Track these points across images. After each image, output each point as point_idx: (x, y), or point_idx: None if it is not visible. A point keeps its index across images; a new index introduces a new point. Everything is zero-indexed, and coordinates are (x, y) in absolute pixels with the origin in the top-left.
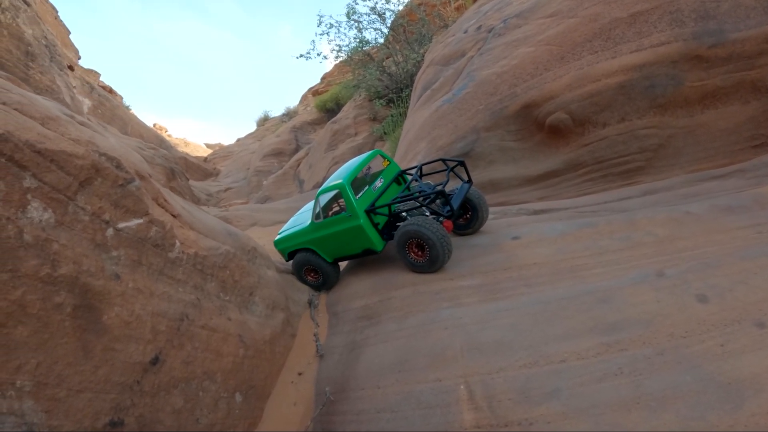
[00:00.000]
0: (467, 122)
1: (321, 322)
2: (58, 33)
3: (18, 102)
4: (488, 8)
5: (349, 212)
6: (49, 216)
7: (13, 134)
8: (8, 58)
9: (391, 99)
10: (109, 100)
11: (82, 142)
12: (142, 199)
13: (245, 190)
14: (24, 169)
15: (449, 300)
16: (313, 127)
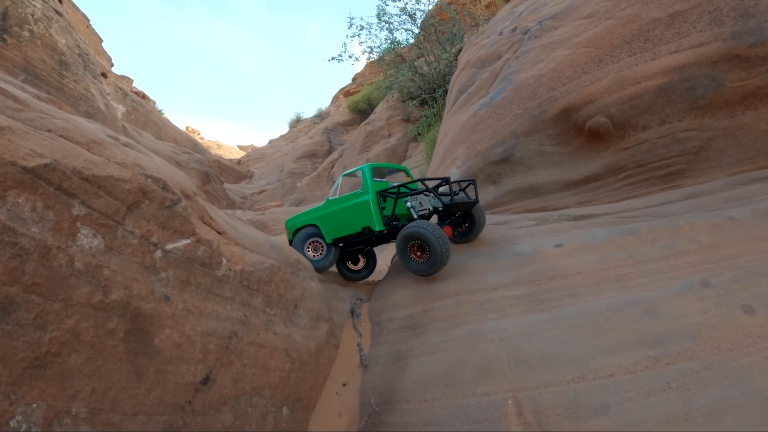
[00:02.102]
0: (506, 127)
1: (364, 332)
2: (91, 41)
3: (63, 128)
4: (522, 9)
5: (363, 189)
6: (99, 242)
7: (61, 162)
8: (42, 68)
9: (424, 99)
10: (143, 105)
11: (128, 165)
12: (189, 219)
13: (279, 192)
14: (72, 196)
15: (494, 311)
16: (345, 128)
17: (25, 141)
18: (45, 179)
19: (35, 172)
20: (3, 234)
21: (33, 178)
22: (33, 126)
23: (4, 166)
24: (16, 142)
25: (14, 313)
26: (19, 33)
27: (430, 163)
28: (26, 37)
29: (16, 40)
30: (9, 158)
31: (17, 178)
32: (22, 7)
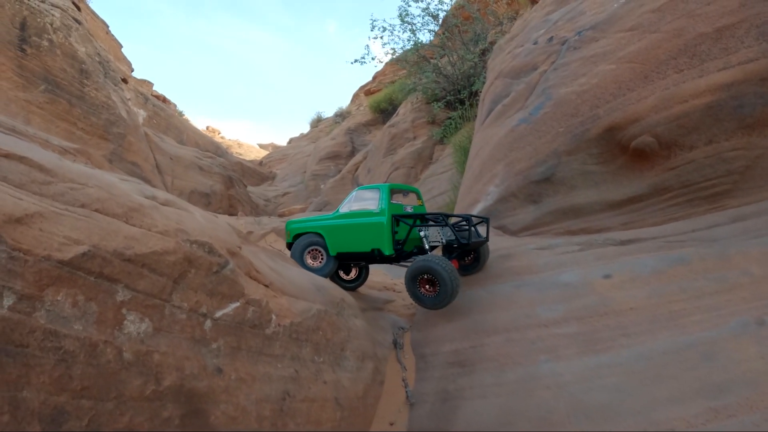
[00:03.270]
0: (547, 145)
1: (408, 365)
2: (111, 47)
3: (97, 198)
4: (558, 17)
5: (378, 210)
6: (147, 326)
7: (100, 247)
8: (63, 77)
9: (449, 101)
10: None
11: (170, 232)
12: (237, 280)
13: (303, 195)
14: (115, 282)
15: (547, 351)
16: (368, 128)
17: (58, 226)
18: (84, 269)
19: (73, 263)
20: (45, 340)
21: (71, 271)
22: (64, 202)
23: (38, 264)
24: (48, 230)
25: (65, 423)
26: (38, 43)
27: (460, 171)
28: (46, 46)
29: (36, 50)
30: (43, 253)
31: (54, 274)
32: (41, 17)
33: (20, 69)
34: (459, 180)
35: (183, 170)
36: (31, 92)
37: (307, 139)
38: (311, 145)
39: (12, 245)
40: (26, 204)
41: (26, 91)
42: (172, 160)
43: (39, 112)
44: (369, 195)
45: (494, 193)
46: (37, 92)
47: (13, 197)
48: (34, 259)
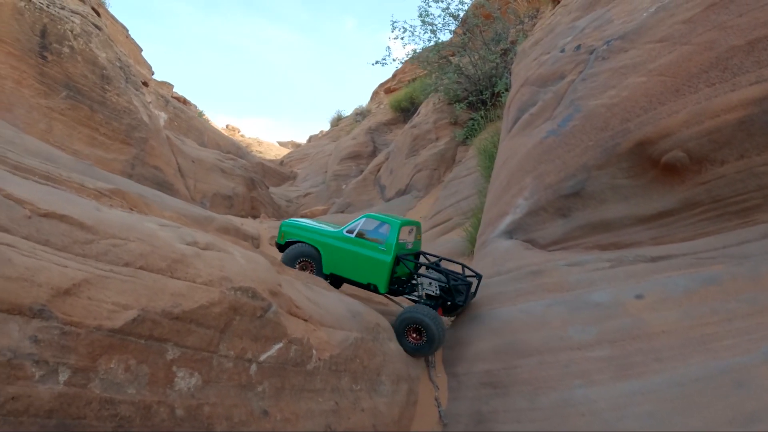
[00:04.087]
0: (576, 159)
1: (440, 384)
2: (131, 51)
3: (140, 254)
4: (585, 25)
5: (384, 246)
6: (196, 379)
7: (148, 309)
8: (84, 83)
9: (471, 102)
10: (184, 111)
11: (214, 282)
12: (280, 322)
13: (324, 195)
14: (165, 341)
15: (580, 376)
16: (389, 127)
17: (105, 291)
18: (135, 334)
19: (124, 330)
20: (101, 410)
21: (123, 337)
22: (108, 261)
23: (90, 335)
24: (96, 297)
25: None
26: (59, 50)
27: (484, 175)
28: (66, 53)
29: (57, 57)
30: (94, 323)
31: (106, 343)
32: (61, 24)
33: (41, 76)
34: (483, 184)
35: (205, 173)
36: (52, 99)
37: (327, 138)
38: (332, 144)
39: (63, 319)
40: (72, 272)
41: (48, 98)
42: (194, 163)
43: (61, 119)
44: (378, 227)
45: (523, 206)
46: (58, 99)
47: (59, 265)
48: (85, 331)
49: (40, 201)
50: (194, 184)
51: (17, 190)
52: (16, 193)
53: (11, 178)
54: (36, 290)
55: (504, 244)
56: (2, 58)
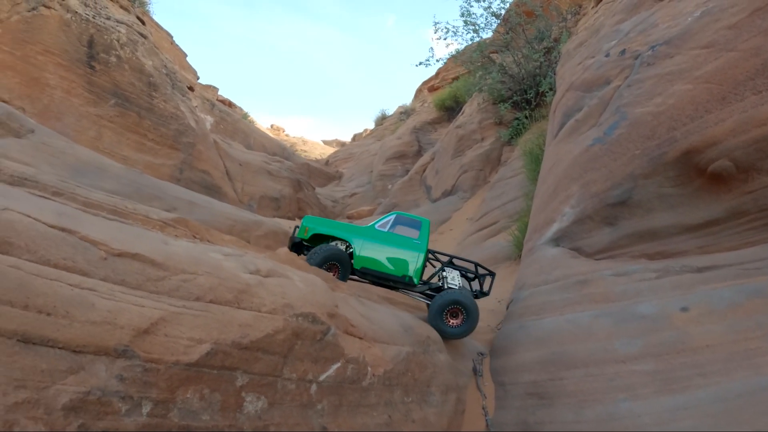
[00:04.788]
0: (623, 168)
1: (487, 392)
2: (176, 58)
3: (209, 288)
4: (629, 28)
5: (418, 240)
6: (263, 403)
7: (220, 342)
8: (132, 90)
9: (516, 101)
10: (230, 114)
11: (278, 309)
12: (338, 343)
13: (370, 195)
14: (234, 370)
15: (625, 389)
16: (433, 126)
17: (180, 327)
18: (208, 365)
19: (199, 363)
20: None
21: (198, 370)
22: (180, 297)
23: (168, 370)
24: (172, 334)
25: None
26: (106, 59)
27: (530, 178)
28: (114, 62)
29: (104, 66)
30: (171, 359)
31: (183, 376)
32: (107, 34)
33: (90, 85)
34: (529, 187)
35: (252, 176)
36: (101, 107)
37: (372, 137)
38: (377, 143)
39: (144, 357)
40: (149, 311)
41: (97, 106)
42: (242, 166)
43: (110, 126)
44: (409, 224)
45: (570, 214)
46: (107, 107)
47: (136, 305)
48: (165, 366)
49: (113, 240)
50: (242, 186)
51: (91, 230)
52: (91, 234)
53: (84, 217)
54: (119, 332)
55: (550, 252)
56: (51, 69)
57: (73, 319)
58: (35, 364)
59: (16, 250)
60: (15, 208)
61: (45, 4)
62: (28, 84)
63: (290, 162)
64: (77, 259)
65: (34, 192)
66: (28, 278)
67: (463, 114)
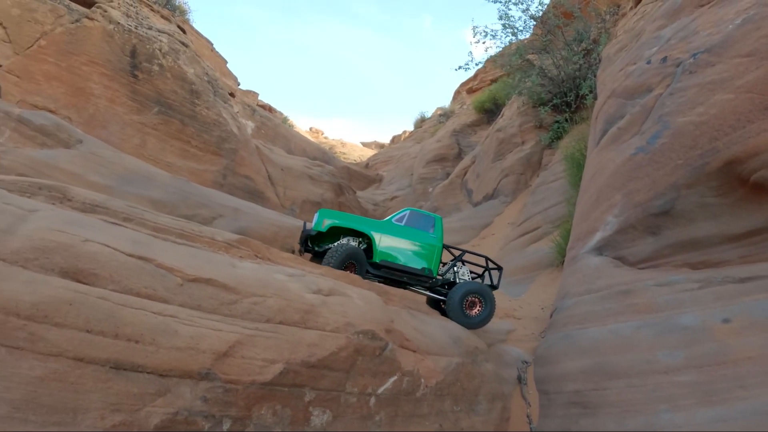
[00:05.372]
0: (666, 178)
1: (531, 401)
2: (216, 64)
3: (278, 310)
4: (670, 35)
5: (435, 233)
6: (328, 416)
7: (291, 362)
8: (174, 98)
9: (556, 104)
10: (270, 119)
11: (340, 327)
12: (395, 357)
13: (411, 198)
14: (303, 386)
15: (666, 401)
16: (473, 129)
17: (254, 349)
18: (281, 384)
19: (273, 382)
20: None
21: (271, 388)
22: (252, 319)
23: (246, 390)
24: (248, 355)
25: None
26: (149, 68)
27: (572, 183)
28: (156, 71)
29: (147, 75)
30: (248, 379)
31: (258, 394)
32: (149, 43)
33: (133, 94)
34: (570, 192)
35: (294, 180)
36: (145, 115)
37: (411, 140)
38: (416, 146)
39: (224, 379)
40: (226, 334)
41: (140, 114)
42: (283, 171)
43: (154, 133)
44: (424, 219)
45: (613, 223)
46: (150, 114)
47: (214, 330)
48: (242, 386)
49: (187, 266)
50: (284, 191)
51: (165, 257)
52: (166, 262)
53: (156, 243)
54: (201, 356)
55: (594, 261)
56: (96, 79)
57: (159, 346)
58: (127, 389)
59: (101, 281)
60: (95, 238)
61: (88, 16)
62: (73, 94)
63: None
64: (156, 286)
65: (106, 218)
66: (116, 308)
67: (503, 117)
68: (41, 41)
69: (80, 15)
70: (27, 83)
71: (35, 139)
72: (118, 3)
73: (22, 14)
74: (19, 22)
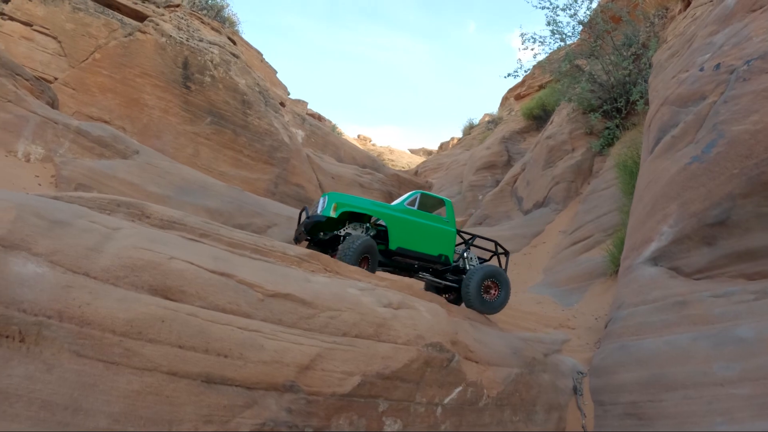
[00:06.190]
0: (721, 187)
1: (586, 411)
2: (266, 75)
3: (353, 324)
4: (722, 41)
5: (447, 218)
6: (399, 425)
7: (367, 374)
8: (227, 109)
9: (606, 111)
10: (320, 128)
11: (411, 340)
12: (461, 368)
13: (461, 206)
14: (377, 397)
15: (722, 413)
16: (522, 136)
17: (333, 362)
18: (357, 395)
19: (351, 394)
20: None
21: (349, 399)
22: (329, 333)
23: (326, 401)
24: (328, 368)
25: None
26: (201, 79)
27: (624, 191)
28: (208, 82)
29: (199, 86)
30: (329, 391)
31: (337, 405)
32: (201, 55)
33: (186, 104)
34: (623, 200)
35: (345, 188)
36: (198, 125)
37: (460, 147)
38: (465, 153)
39: (307, 390)
40: (307, 348)
41: (193, 124)
42: (334, 179)
43: (206, 143)
44: (434, 203)
45: (668, 233)
46: (203, 125)
47: (295, 343)
48: (323, 398)
49: (266, 282)
50: None
51: (245, 273)
52: (247, 278)
53: (234, 259)
54: (285, 369)
55: (649, 272)
56: (149, 90)
57: (247, 360)
58: (218, 401)
59: (189, 297)
60: (179, 256)
61: (141, 30)
62: (127, 105)
63: (381, 174)
64: (240, 302)
65: (184, 235)
66: (204, 324)
67: (552, 124)
68: (95, 54)
69: (133, 29)
70: (82, 95)
71: (93, 150)
72: (170, 16)
73: (76, 29)
74: (74, 37)
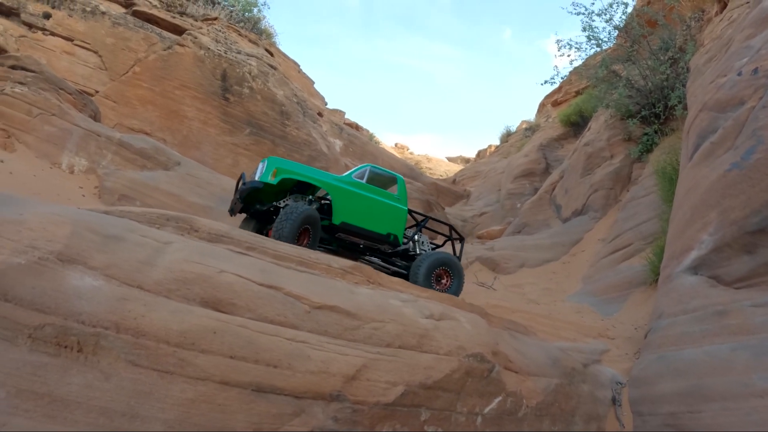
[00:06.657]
0: (761, 194)
1: (625, 422)
2: (303, 85)
3: (396, 335)
4: (759, 45)
5: (399, 195)
6: None
7: (410, 384)
8: (265, 119)
9: (644, 116)
10: (357, 137)
11: (452, 351)
12: (501, 378)
13: (499, 214)
14: (419, 407)
15: (762, 425)
16: (560, 143)
17: (377, 372)
18: (401, 405)
19: (394, 403)
20: None
21: (393, 408)
22: (373, 344)
23: (371, 410)
24: (372, 378)
25: None
26: (239, 91)
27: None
28: (247, 93)
29: (238, 98)
30: (373, 400)
31: (381, 414)
32: (239, 67)
33: (225, 116)
34: (662, 207)
35: None
36: (237, 136)
37: (497, 155)
38: (503, 161)
39: (352, 400)
40: (352, 359)
41: (233, 135)
42: None
43: (246, 154)
44: (385, 178)
45: (708, 242)
46: (242, 135)
47: (341, 354)
48: (368, 407)
49: (312, 294)
50: None
51: (291, 285)
52: (293, 290)
53: (281, 271)
54: (332, 379)
55: (688, 281)
56: (188, 102)
57: (295, 370)
58: (268, 410)
59: (239, 309)
60: (228, 269)
61: (179, 43)
62: (167, 117)
63: (419, 182)
64: (287, 314)
65: (232, 248)
66: (254, 336)
67: (590, 130)
68: (135, 68)
69: (172, 42)
70: (123, 107)
71: (136, 161)
72: (208, 30)
73: (116, 43)
74: (114, 51)
